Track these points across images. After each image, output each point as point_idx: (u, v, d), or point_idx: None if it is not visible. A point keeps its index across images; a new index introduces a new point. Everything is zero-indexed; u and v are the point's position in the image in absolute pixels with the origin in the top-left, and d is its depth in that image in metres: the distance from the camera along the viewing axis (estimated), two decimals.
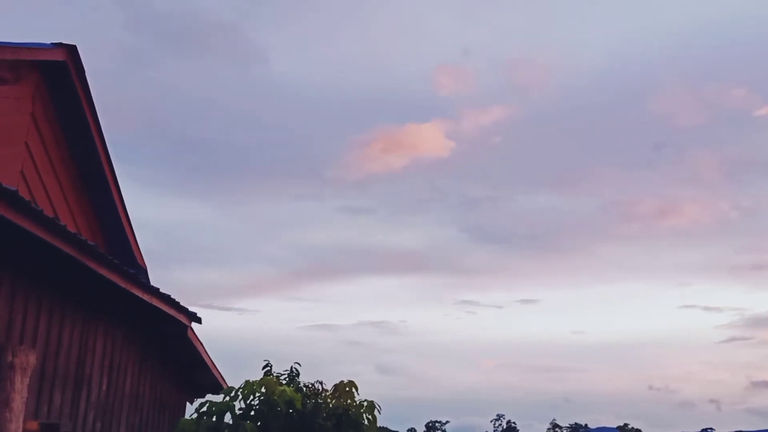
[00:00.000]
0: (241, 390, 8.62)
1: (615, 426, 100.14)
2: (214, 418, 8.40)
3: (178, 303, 9.54)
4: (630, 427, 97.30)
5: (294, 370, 9.75)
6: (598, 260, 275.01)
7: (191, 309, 10.09)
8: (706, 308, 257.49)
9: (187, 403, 13.18)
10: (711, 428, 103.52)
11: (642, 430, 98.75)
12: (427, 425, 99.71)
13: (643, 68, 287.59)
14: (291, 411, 8.84)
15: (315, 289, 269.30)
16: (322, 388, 9.41)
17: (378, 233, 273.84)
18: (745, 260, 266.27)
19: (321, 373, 9.67)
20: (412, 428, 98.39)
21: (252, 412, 8.68)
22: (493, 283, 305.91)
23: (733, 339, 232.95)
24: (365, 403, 9.17)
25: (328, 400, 9.24)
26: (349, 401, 9.17)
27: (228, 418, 8.48)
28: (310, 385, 9.49)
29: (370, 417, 9.21)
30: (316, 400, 9.08)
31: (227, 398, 8.58)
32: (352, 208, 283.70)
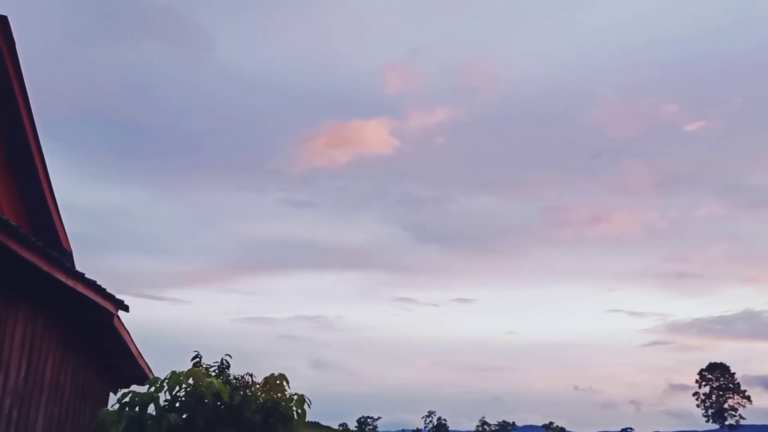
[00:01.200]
0: (166, 381, 8.46)
1: (541, 424, 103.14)
2: (136, 409, 8.21)
3: (105, 290, 9.24)
4: (555, 425, 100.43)
5: (224, 362, 9.63)
6: (533, 263, 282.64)
7: (120, 297, 9.81)
8: (631, 313, 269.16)
9: (111, 394, 12.81)
10: (631, 428, 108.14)
11: (566, 428, 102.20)
12: (358, 421, 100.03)
13: (584, 80, 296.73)
14: (219, 403, 8.73)
15: (252, 282, 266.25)
16: (252, 380, 9.34)
17: (319, 228, 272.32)
18: (669, 269, 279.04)
19: (254, 366, 9.58)
20: (343, 423, 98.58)
21: (177, 404, 8.53)
22: (431, 282, 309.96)
23: (655, 343, 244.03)
24: (295, 397, 9.15)
25: (258, 393, 9.17)
26: (279, 395, 9.13)
27: (152, 409, 8.30)
28: (240, 378, 9.41)
29: (299, 411, 9.20)
30: (245, 393, 9.00)
31: (152, 389, 8.40)
32: (294, 202, 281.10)
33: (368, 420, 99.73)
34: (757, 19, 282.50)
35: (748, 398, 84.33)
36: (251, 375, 9.37)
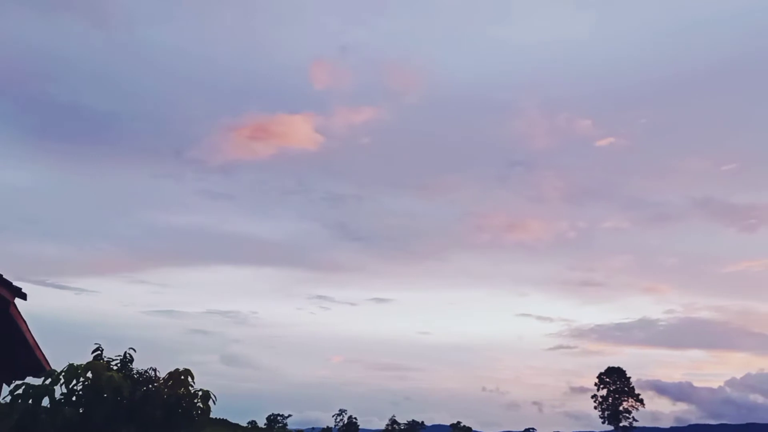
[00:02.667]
0: (63, 373, 8.14)
1: (449, 424, 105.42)
2: (30, 402, 7.86)
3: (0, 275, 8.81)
4: (462, 425, 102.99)
5: (127, 355, 9.35)
6: (450, 266, 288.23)
7: (18, 284, 9.37)
8: (539, 318, 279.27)
9: (4, 385, 12.19)
10: (533, 428, 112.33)
11: (472, 428, 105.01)
12: (268, 418, 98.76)
13: (507, 91, 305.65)
14: (119, 399, 8.48)
15: (163, 274, 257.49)
16: (156, 375, 9.12)
17: (237, 221, 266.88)
18: (576, 277, 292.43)
19: (162, 361, 9.35)
20: (252, 421, 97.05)
21: (74, 398, 8.22)
22: (350, 281, 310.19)
23: (559, 347, 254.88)
24: (200, 393, 9.01)
25: (161, 389, 8.97)
26: (183, 390, 8.96)
27: (46, 402, 7.97)
28: (143, 373, 9.16)
29: (204, 407, 9.06)
30: (148, 388, 8.79)
31: (47, 381, 8.06)
32: (213, 193, 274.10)
33: (278, 418, 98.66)
34: (670, 49, 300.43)
35: (641, 401, 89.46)
36: (154, 369, 9.15)
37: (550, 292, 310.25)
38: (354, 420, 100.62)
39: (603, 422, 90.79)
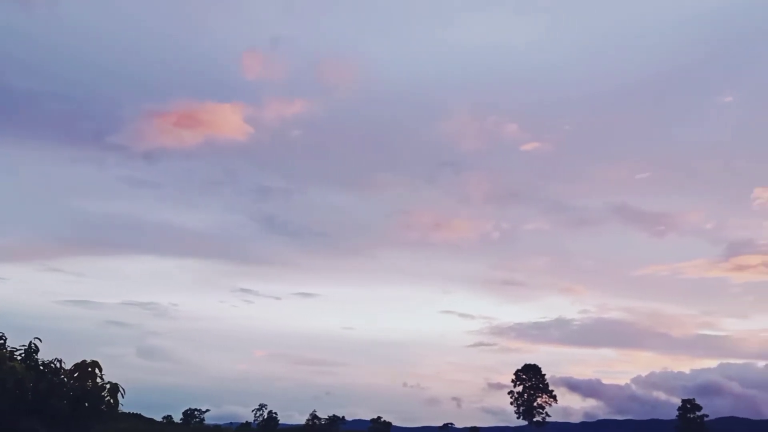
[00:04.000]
0: None
1: (369, 419, 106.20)
2: None
3: None
4: (382, 420, 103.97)
5: (33, 346, 8.97)
6: (377, 262, 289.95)
7: None
8: (462, 315, 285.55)
9: None
10: (451, 423, 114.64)
11: (392, 423, 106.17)
12: (185, 413, 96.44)
13: (439, 92, 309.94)
14: (22, 390, 8.14)
15: (80, 262, 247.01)
16: (62, 367, 8.80)
17: (161, 210, 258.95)
18: (497, 276, 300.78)
19: (75, 353, 8.99)
20: (168, 416, 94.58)
21: None
22: (275, 274, 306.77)
23: (479, 344, 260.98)
24: (108, 386, 8.76)
25: (68, 381, 8.67)
26: (90, 383, 8.69)
27: None
28: (48, 364, 8.82)
29: (112, 401, 8.82)
30: (53, 380, 8.47)
31: None
32: (136, 180, 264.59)
33: (195, 412, 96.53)
34: (597, 60, 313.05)
35: (554, 398, 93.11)
36: (60, 361, 8.82)
37: (474, 290, 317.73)
38: (274, 415, 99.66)
39: (518, 417, 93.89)
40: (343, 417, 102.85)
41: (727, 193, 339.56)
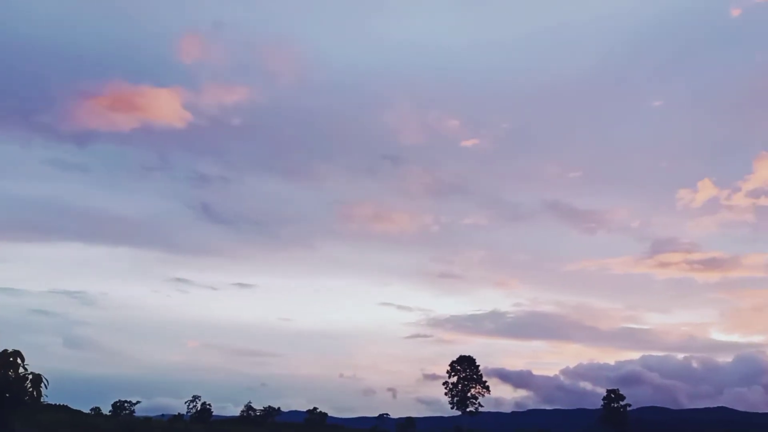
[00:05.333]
0: None
1: (305, 410, 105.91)
2: None
3: None
4: (318, 411, 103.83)
5: None
6: (315, 253, 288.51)
7: None
8: (400, 307, 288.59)
9: None
10: (387, 414, 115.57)
11: (328, 414, 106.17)
12: (114, 405, 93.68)
13: (382, 85, 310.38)
14: None
15: (2, 247, 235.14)
16: None
17: (90, 195, 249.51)
18: (436, 269, 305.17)
19: None
20: (96, 407, 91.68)
21: None
22: (212, 264, 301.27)
23: (416, 336, 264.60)
24: (30, 376, 8.44)
25: None
26: (11, 373, 8.35)
27: None
28: None
29: (35, 392, 8.51)
30: None
31: None
32: (64, 163, 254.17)
33: (125, 404, 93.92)
34: (537, 61, 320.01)
35: (487, 388, 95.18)
36: None
37: (412, 282, 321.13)
38: (208, 406, 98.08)
39: (452, 407, 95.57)
40: (279, 408, 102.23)
41: (654, 193, 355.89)
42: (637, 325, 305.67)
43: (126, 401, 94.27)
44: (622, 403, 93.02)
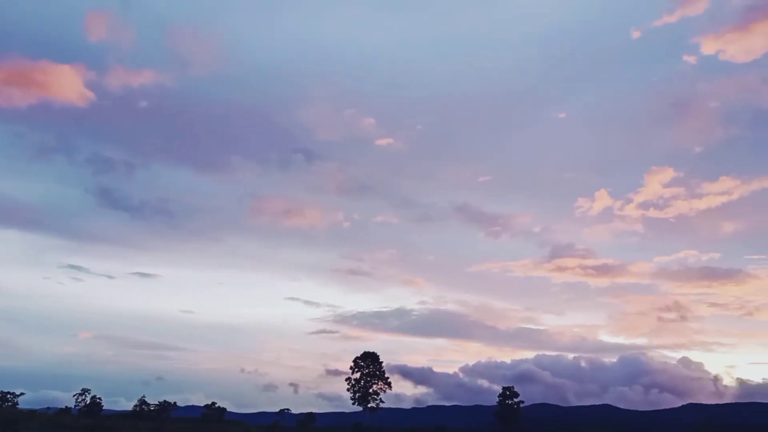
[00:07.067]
0: None
1: (203, 405, 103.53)
2: None
3: None
4: (216, 406, 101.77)
5: None
6: (222, 246, 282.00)
7: None
8: (307, 302, 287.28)
9: None
10: (288, 409, 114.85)
11: (227, 409, 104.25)
12: None
13: (300, 79, 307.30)
14: None
15: None
16: None
17: None
18: (345, 265, 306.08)
19: None
20: None
21: None
22: (110, 252, 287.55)
23: (322, 331, 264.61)
24: None
25: None
26: None
27: None
28: None
29: None
30: None
31: None
32: None
33: (8, 396, 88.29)
34: (454, 66, 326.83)
35: (389, 385, 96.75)
36: None
37: (321, 278, 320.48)
38: (98, 400, 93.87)
39: (353, 403, 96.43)
40: (175, 403, 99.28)
41: (555, 200, 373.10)
42: (533, 326, 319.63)
43: (9, 392, 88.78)
44: (515, 400, 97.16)
